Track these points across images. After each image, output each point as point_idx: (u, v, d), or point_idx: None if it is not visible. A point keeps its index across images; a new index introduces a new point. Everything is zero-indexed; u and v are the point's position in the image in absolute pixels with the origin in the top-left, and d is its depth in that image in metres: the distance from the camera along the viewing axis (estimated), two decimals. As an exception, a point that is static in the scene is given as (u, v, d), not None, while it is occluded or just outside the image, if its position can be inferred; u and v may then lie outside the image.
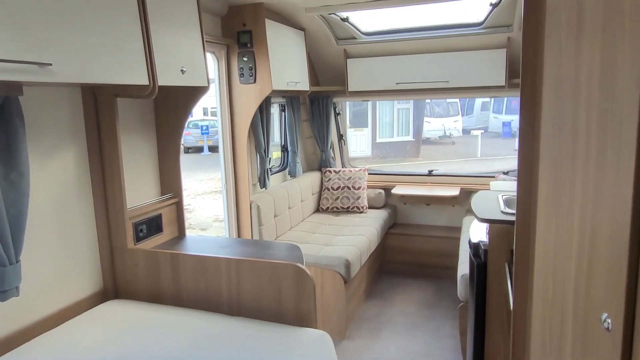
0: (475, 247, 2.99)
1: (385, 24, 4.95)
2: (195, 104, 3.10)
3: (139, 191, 3.05)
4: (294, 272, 2.48)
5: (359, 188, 5.62)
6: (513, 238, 2.15)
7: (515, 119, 21.30)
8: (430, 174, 5.78)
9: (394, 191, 5.50)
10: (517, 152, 2.11)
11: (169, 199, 3.21)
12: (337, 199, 5.65)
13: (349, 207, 5.63)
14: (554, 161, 1.58)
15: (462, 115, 21.51)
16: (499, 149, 18.03)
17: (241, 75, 4.17)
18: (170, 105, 3.12)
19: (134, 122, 3.00)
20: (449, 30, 4.77)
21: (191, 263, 2.68)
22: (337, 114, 5.96)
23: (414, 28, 4.89)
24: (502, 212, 2.93)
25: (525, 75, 2.00)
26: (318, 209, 5.76)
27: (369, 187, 5.78)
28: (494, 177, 5.36)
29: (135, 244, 2.87)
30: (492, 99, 22.30)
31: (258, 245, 3.35)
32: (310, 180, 5.57)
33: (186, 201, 5.33)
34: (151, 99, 2.71)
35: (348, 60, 5.26)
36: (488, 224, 2.86)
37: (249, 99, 4.20)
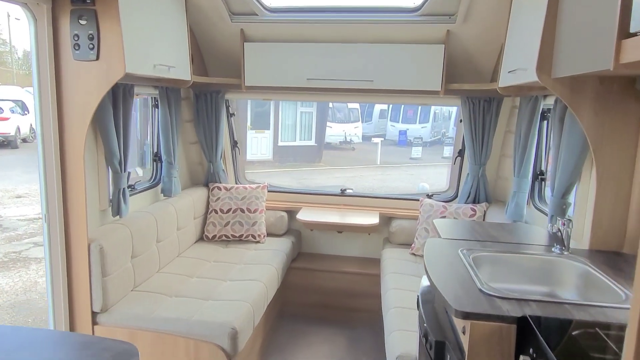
0: (439, 349, 1.76)
1: (297, -3, 3.65)
2: None
3: None
4: None
5: (255, 211, 4.23)
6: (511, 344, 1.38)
7: (410, 128, 21.53)
8: (342, 193, 4.56)
9: (299, 216, 4.18)
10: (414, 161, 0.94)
11: None
12: (227, 224, 4.21)
13: (242, 236, 4.22)
14: None
15: (362, 122, 21.19)
16: (396, 157, 17.72)
17: (76, 47, 2.59)
18: None
19: None
20: (378, 14, 3.56)
21: None
22: (230, 115, 4.51)
23: (334, 7, 3.61)
24: (484, 291, 1.73)
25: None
26: (202, 237, 4.27)
27: (268, 208, 4.41)
28: (417, 199, 4.30)
29: None
30: (390, 106, 22.21)
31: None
32: (191, 201, 4.06)
33: None
34: None
35: (246, 44, 3.85)
36: (462, 316, 1.63)
37: (88, 83, 2.63)
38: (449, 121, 21.91)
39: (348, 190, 4.56)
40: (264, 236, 4.24)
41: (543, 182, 3.47)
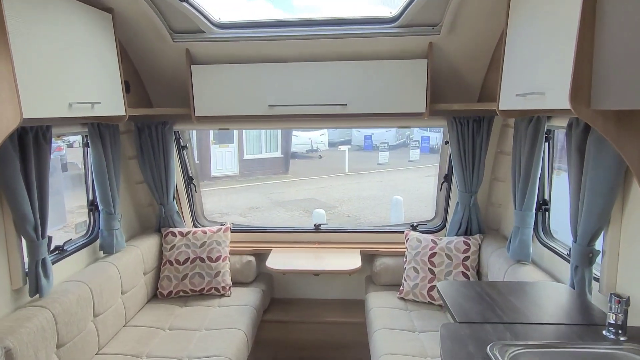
0: None
1: (252, 11, 3.00)
2: None
3: None
4: None
5: (218, 259, 3.56)
6: None
7: (376, 133, 21.18)
8: (317, 229, 3.94)
9: (269, 264, 3.51)
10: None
11: None
12: (185, 277, 3.51)
13: (203, 290, 3.53)
14: None
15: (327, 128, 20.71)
16: (363, 163, 17.27)
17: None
18: None
19: None
20: (350, 27, 2.96)
21: None
22: (182, 148, 3.83)
23: (296, 21, 3.00)
24: None
25: None
26: (156, 295, 3.55)
27: (233, 253, 3.74)
28: (401, 232, 3.73)
29: None
30: None
31: None
32: (139, 254, 3.34)
33: None
34: None
35: (193, 67, 3.18)
36: None
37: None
38: (412, 124, 21.72)
39: (323, 226, 3.94)
40: (230, 288, 3.56)
41: (547, 213, 2.96)
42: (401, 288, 3.45)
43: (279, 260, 3.58)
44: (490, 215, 3.63)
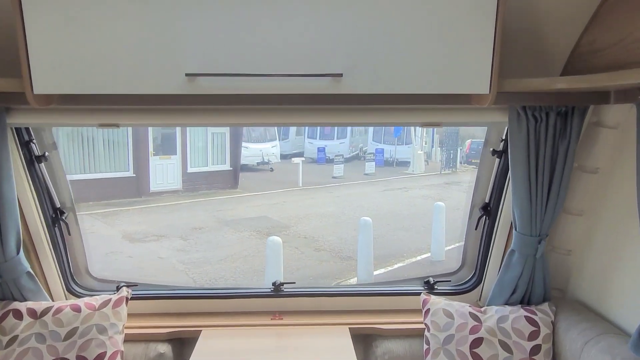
0: None
1: None
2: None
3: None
4: None
5: (102, 359, 1.91)
6: None
7: (329, 144, 19.99)
8: (278, 292, 2.36)
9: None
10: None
11: None
12: (31, 400, 1.84)
13: (67, 422, 1.87)
14: None
15: (279, 140, 19.34)
16: (317, 176, 15.88)
17: None
18: None
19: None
20: None
21: None
22: (34, 160, 2.12)
23: None
24: None
25: None
26: None
27: (133, 339, 2.09)
28: (413, 293, 2.26)
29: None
30: None
31: None
32: None
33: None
34: None
35: (25, 10, 1.55)
36: None
37: None
38: (365, 135, 20.65)
39: (286, 286, 2.36)
40: (121, 411, 1.92)
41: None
42: (426, 402, 1.96)
43: (214, 358, 1.97)
44: (552, 267, 2.21)
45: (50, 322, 1.93)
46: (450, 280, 2.39)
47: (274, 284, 2.35)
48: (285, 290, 2.35)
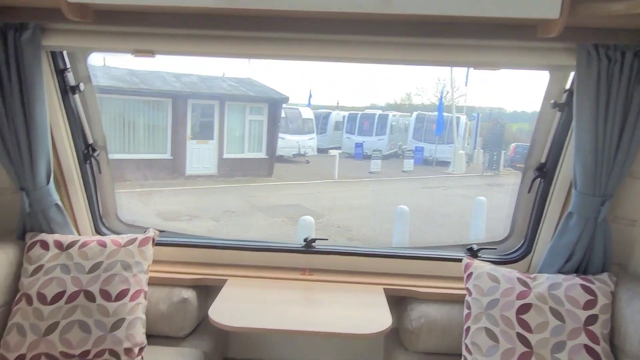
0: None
1: None
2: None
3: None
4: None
5: (121, 296, 1.84)
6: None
7: (367, 140, 19.75)
8: (308, 247, 2.24)
9: (217, 311, 1.81)
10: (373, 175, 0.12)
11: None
12: (52, 330, 1.77)
13: (87, 356, 1.81)
14: None
15: (316, 134, 19.28)
16: (353, 171, 15.67)
17: None
18: None
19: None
20: None
21: None
22: (69, 90, 2.06)
23: None
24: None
25: None
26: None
27: (156, 283, 2.04)
28: (454, 259, 2.10)
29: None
30: (345, 118, 20.77)
31: None
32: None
33: None
34: None
35: None
36: None
37: None
38: (405, 134, 20.27)
39: (318, 242, 2.25)
40: (141, 349, 1.85)
41: None
42: (463, 367, 1.79)
43: (239, 303, 1.89)
44: (614, 239, 1.98)
45: (75, 255, 1.88)
46: (495, 249, 2.21)
47: (305, 239, 2.23)
48: (317, 247, 2.23)
